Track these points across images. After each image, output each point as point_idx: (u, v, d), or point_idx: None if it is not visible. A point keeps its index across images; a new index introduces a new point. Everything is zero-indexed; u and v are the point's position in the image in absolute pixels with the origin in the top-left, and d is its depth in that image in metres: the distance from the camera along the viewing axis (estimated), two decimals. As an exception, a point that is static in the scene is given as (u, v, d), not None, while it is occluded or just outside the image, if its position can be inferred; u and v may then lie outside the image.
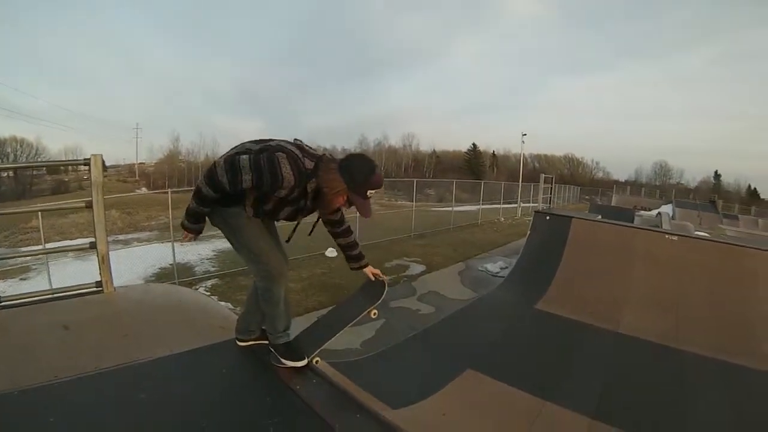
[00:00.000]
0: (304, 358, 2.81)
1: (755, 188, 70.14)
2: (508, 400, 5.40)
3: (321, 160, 2.43)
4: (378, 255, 11.44)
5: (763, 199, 65.76)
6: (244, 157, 2.28)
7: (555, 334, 7.86)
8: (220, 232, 2.59)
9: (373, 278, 3.05)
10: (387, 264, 10.78)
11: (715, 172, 73.46)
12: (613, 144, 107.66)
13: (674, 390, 6.31)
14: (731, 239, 13.74)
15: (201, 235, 2.57)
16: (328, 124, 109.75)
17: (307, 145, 2.49)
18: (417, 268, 10.74)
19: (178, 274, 9.14)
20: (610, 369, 6.77)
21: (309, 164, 2.38)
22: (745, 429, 5.59)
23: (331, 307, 3.67)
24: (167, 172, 68.88)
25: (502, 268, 11.77)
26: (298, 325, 3.23)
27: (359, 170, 2.41)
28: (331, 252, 11.24)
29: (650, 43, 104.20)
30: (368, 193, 2.46)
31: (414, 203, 15.98)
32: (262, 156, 2.30)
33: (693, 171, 75.72)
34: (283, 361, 2.77)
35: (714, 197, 50.93)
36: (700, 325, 8.11)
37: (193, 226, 2.50)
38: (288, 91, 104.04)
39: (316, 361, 2.95)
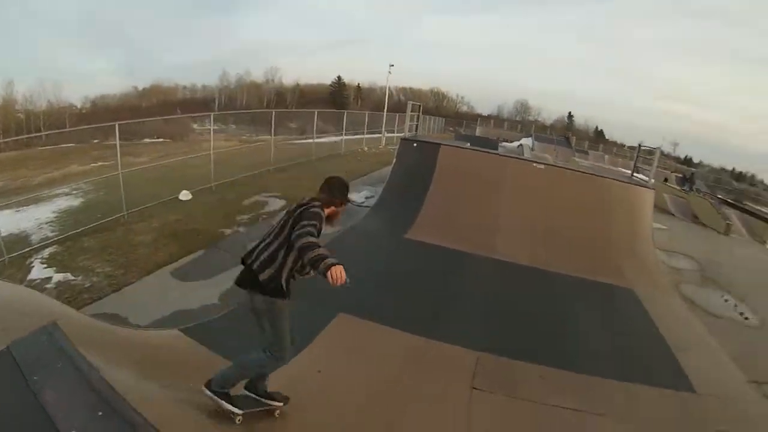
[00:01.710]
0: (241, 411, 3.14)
1: (601, 129, 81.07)
2: (388, 344, 5.09)
3: (319, 200, 3.28)
4: (236, 192, 11.07)
5: (608, 139, 75.55)
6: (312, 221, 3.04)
7: (429, 264, 7.64)
8: (61, 190, 2.40)
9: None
10: (245, 201, 10.46)
11: (569, 113, 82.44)
12: (478, 81, 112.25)
13: (550, 310, 6.63)
14: (590, 170, 15.07)
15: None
16: (186, 61, 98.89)
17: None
18: (277, 203, 10.46)
19: (9, 247, 7.53)
20: (490, 297, 6.70)
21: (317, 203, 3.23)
22: (613, 338, 6.19)
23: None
24: (2, 124, 60.11)
25: (367, 198, 11.60)
26: (145, 286, 2.95)
27: (343, 187, 3.44)
28: (186, 195, 10.33)
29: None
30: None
31: (272, 136, 15.27)
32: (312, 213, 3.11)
33: (550, 111, 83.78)
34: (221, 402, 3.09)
35: (568, 134, 57.03)
36: (567, 248, 8.57)
37: (336, 262, 2.83)
38: (140, 24, 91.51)
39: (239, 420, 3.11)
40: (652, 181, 11.18)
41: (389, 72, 33.76)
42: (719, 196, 29.26)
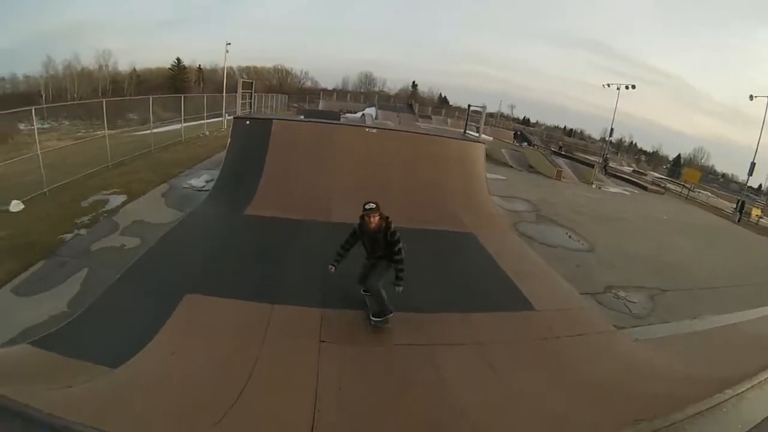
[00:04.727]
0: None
1: (445, 96, 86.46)
2: (235, 316, 5.28)
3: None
4: (73, 194, 10.59)
5: (452, 105, 79.37)
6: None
7: (269, 236, 7.95)
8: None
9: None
10: (84, 202, 10.08)
11: (413, 82, 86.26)
12: (321, 56, 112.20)
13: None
14: (424, 131, 16.23)
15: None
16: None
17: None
18: (117, 200, 10.28)
19: None
20: (328, 258, 6.61)
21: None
22: (457, 277, 6.97)
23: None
24: None
25: (207, 182, 11.84)
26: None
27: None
28: (17, 205, 9.36)
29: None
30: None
31: (106, 130, 14.37)
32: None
33: (394, 81, 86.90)
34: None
35: (412, 101, 60.69)
36: (404, 204, 8.89)
37: None
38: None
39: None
40: (482, 136, 12.73)
41: (226, 51, 33.15)
42: (551, 149, 33.83)
